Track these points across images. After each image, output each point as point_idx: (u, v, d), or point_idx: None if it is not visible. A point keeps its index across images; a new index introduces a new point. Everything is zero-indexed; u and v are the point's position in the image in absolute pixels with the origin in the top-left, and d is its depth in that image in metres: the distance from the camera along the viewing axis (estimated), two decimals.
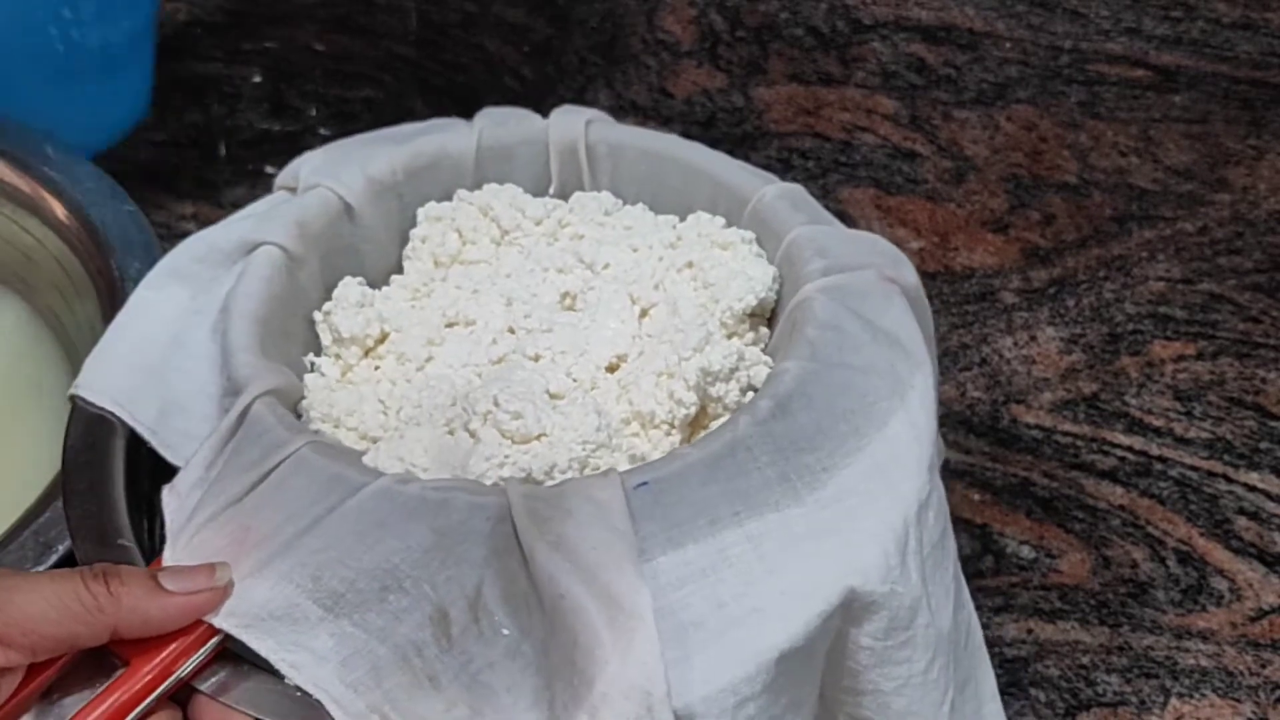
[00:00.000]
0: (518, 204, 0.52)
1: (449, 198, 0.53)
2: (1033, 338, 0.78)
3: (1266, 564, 0.66)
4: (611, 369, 0.46)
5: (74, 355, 0.65)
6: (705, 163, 0.53)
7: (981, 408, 0.73)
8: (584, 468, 0.42)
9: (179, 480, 0.42)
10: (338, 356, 0.48)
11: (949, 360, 0.76)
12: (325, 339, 0.48)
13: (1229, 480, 0.70)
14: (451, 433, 0.43)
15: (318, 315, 0.49)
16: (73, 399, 0.46)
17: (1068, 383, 0.75)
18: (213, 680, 0.38)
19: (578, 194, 0.54)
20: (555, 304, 0.48)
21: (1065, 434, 0.72)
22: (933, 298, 0.79)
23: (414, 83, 0.94)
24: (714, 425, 0.46)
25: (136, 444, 0.45)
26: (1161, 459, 0.71)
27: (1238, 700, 0.60)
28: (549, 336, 0.47)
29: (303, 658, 0.37)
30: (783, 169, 0.88)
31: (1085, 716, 0.60)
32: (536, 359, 0.46)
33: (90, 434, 0.45)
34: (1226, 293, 0.81)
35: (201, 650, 0.38)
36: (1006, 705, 0.52)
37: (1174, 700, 0.60)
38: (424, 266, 0.51)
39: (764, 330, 0.50)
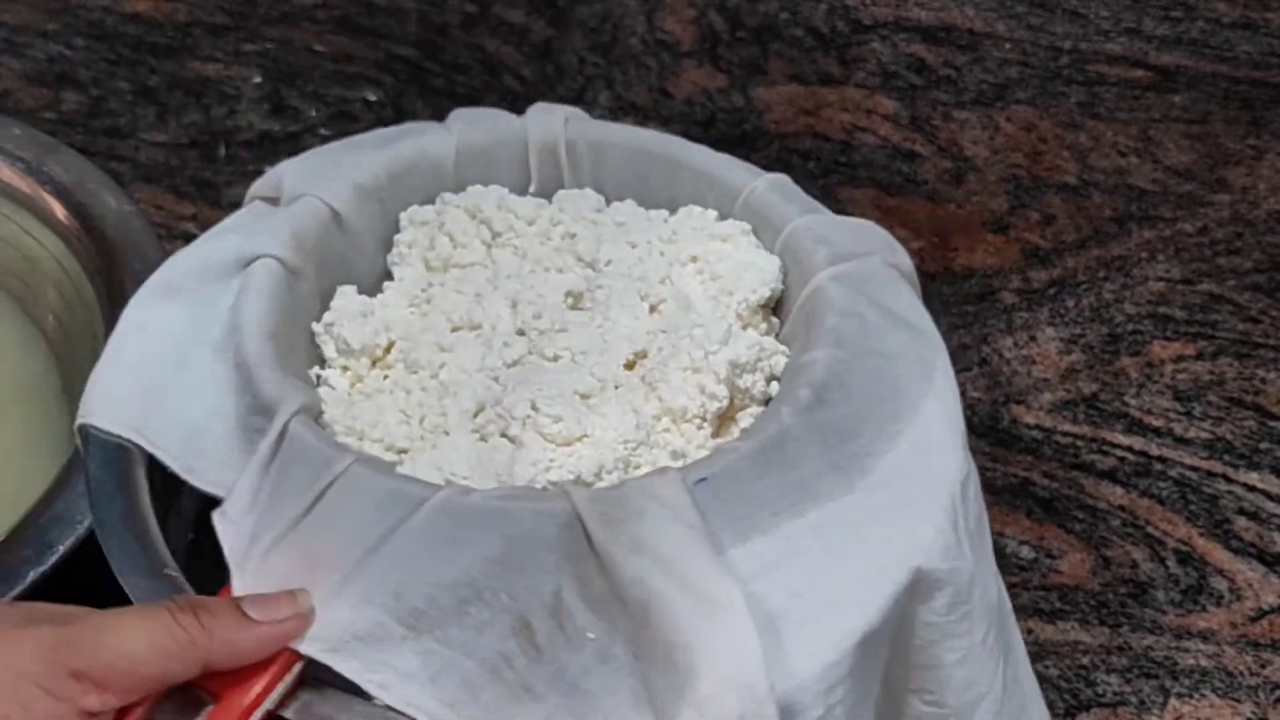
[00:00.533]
0: (506, 204, 0.52)
1: (430, 201, 0.53)
2: (1033, 338, 0.78)
3: (1266, 564, 0.66)
4: (629, 366, 0.46)
5: (68, 357, 0.64)
6: (688, 156, 0.53)
7: (981, 408, 0.73)
8: (628, 467, 0.43)
9: (229, 507, 0.41)
10: (345, 368, 0.47)
11: (949, 361, 0.76)
12: (329, 351, 0.48)
13: (1229, 480, 0.70)
14: (485, 439, 0.43)
15: (317, 327, 0.48)
16: (84, 429, 0.45)
17: (1068, 383, 0.75)
18: (295, 705, 0.38)
19: (562, 192, 0.53)
20: (562, 304, 0.48)
21: (1065, 434, 0.72)
22: (933, 298, 0.79)
23: (414, 83, 0.94)
24: (742, 417, 0.46)
25: (150, 469, 0.45)
26: (1161, 459, 0.71)
27: (1238, 700, 0.60)
28: (565, 336, 0.46)
29: (389, 677, 0.37)
30: (783, 169, 0.88)
31: (1085, 716, 0.60)
32: (555, 359, 0.46)
33: (112, 464, 0.44)
34: (1226, 293, 0.81)
35: (287, 678, 0.37)
36: None
37: (1174, 700, 0.60)
38: (416, 272, 0.51)
39: (774, 320, 0.50)
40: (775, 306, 0.51)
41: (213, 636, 0.35)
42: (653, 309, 0.48)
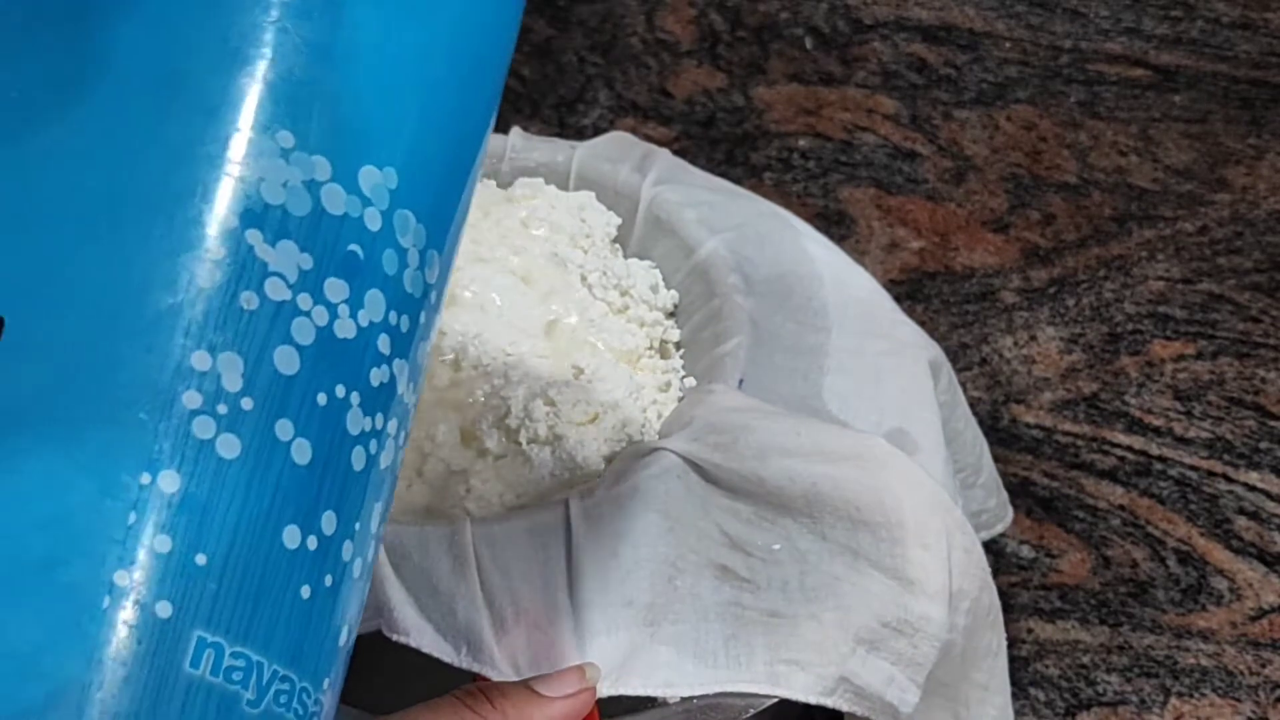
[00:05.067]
0: None
1: None
2: (1033, 337, 0.78)
3: (1266, 564, 0.66)
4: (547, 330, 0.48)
5: None
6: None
7: (982, 408, 0.73)
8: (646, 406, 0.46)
9: (400, 618, 0.39)
10: None
11: (948, 360, 0.76)
12: None
13: (1229, 480, 0.70)
14: (518, 444, 0.44)
15: None
16: None
17: (1068, 382, 0.75)
18: None
19: None
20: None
21: (1065, 434, 0.72)
22: (933, 297, 0.79)
23: None
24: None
25: None
26: (1161, 459, 0.71)
27: (1238, 700, 0.60)
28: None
29: (668, 675, 0.38)
30: (783, 169, 0.88)
31: (1085, 716, 0.60)
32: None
33: None
34: (1226, 293, 0.81)
35: None
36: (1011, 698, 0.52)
37: (1174, 700, 0.60)
38: None
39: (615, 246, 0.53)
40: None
41: (508, 718, 0.35)
42: (524, 280, 0.49)
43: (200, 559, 0.24)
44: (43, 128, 0.25)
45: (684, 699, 0.38)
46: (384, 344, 0.27)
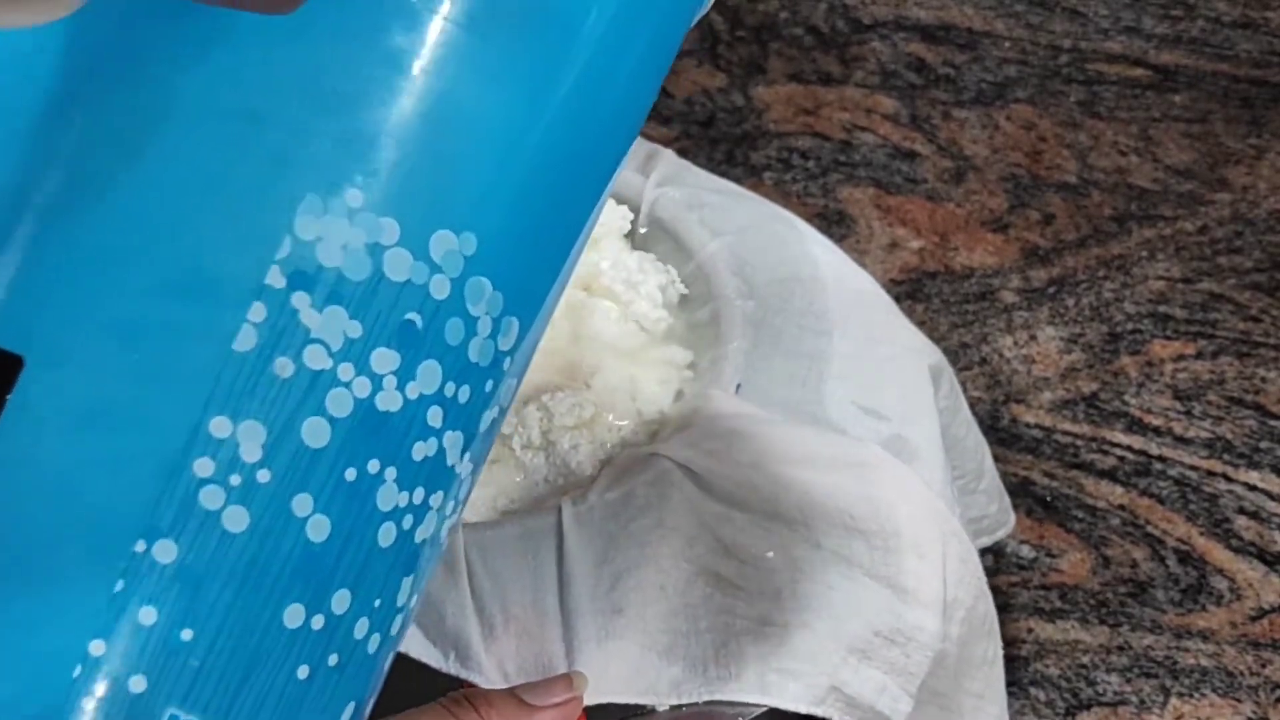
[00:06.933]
0: None
1: None
2: (1033, 337, 0.78)
3: (1266, 563, 0.66)
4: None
5: None
6: None
7: (982, 407, 0.73)
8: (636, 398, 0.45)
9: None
10: None
11: (949, 360, 0.76)
12: None
13: (1229, 480, 0.70)
14: (510, 450, 0.44)
15: None
16: None
17: (1067, 382, 0.75)
18: None
19: None
20: None
21: (1065, 433, 0.72)
22: (933, 297, 0.79)
23: None
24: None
25: None
26: (1161, 458, 0.71)
27: (1238, 700, 0.60)
28: None
29: (650, 684, 0.39)
30: (782, 168, 0.88)
31: (1085, 716, 0.60)
32: None
33: None
34: (1226, 292, 0.81)
35: None
36: (1006, 705, 0.52)
37: (1174, 700, 0.60)
38: None
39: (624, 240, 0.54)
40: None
41: None
42: None
43: (186, 634, 0.23)
44: (117, 173, 0.24)
45: (673, 707, 0.38)
46: (434, 416, 0.25)
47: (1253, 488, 0.70)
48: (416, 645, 0.38)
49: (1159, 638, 0.63)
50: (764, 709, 0.39)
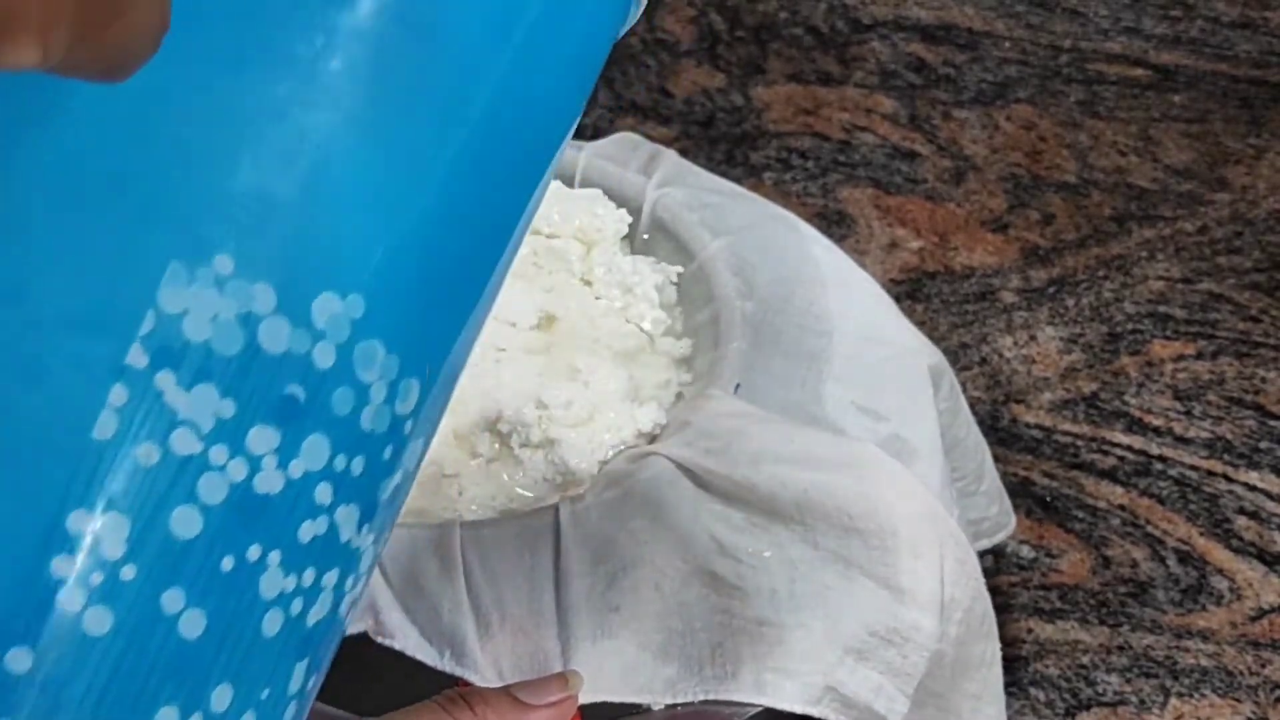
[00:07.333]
0: None
1: None
2: (1032, 337, 0.78)
3: (1266, 563, 0.66)
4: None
5: None
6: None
7: (982, 407, 0.73)
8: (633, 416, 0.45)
9: (386, 621, 0.39)
10: None
11: (949, 360, 0.76)
12: None
13: (1229, 480, 0.70)
14: (509, 449, 0.43)
15: None
16: None
17: (1067, 382, 0.75)
18: None
19: None
20: None
21: (1065, 434, 0.72)
22: (932, 297, 0.79)
23: None
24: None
25: None
26: (1161, 458, 0.71)
27: (1238, 700, 0.60)
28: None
29: (645, 683, 0.38)
30: (782, 168, 0.88)
31: (1085, 716, 0.60)
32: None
33: None
34: (1226, 292, 0.81)
35: None
36: (1006, 705, 0.52)
37: (1174, 700, 0.60)
38: None
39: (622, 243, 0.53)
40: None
41: None
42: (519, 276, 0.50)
43: None
44: None
45: (668, 706, 0.38)
46: (323, 493, 0.23)
47: (1253, 488, 0.70)
48: (413, 643, 0.38)
49: (1159, 638, 0.63)
50: (759, 708, 0.39)
